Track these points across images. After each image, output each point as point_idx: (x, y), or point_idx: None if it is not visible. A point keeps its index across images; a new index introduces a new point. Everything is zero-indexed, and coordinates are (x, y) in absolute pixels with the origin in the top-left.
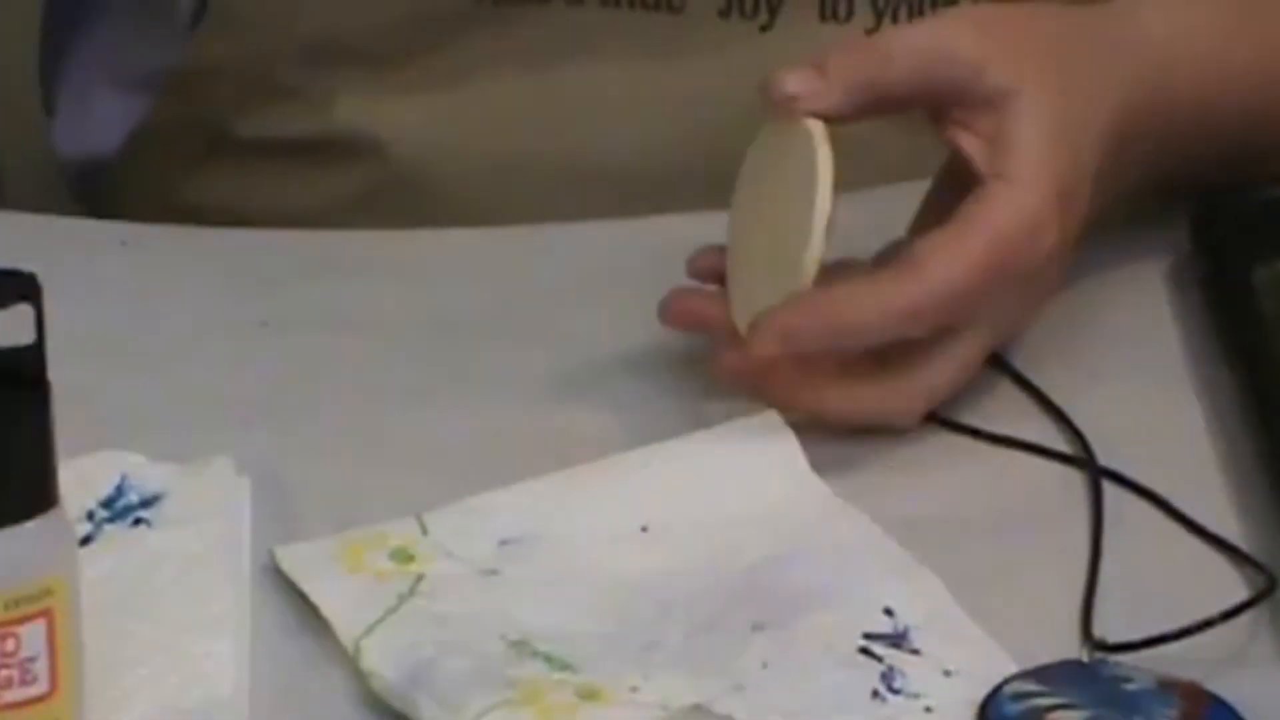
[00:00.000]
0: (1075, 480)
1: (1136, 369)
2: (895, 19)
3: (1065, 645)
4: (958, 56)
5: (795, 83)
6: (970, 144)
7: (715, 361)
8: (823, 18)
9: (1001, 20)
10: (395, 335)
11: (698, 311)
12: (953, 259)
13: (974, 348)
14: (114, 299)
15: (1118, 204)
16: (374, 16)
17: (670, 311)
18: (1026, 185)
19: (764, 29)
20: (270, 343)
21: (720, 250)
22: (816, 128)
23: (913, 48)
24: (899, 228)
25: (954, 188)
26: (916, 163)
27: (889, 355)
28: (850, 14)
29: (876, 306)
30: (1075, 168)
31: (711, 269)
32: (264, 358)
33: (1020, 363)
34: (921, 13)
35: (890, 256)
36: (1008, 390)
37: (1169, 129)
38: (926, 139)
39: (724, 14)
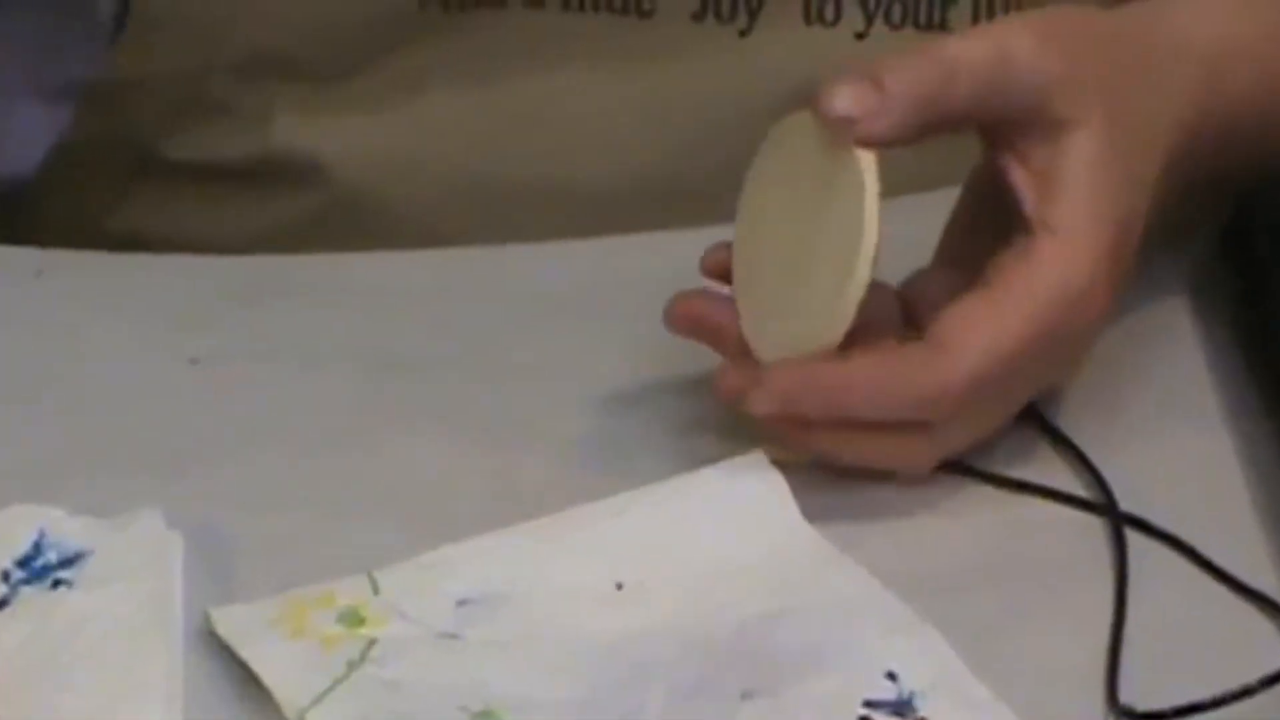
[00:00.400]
0: (1095, 528)
1: (1160, 403)
2: (887, 20)
3: (1087, 711)
4: (1025, 77)
5: (850, 102)
6: (1022, 180)
7: (718, 381)
8: (808, 20)
9: (1062, 31)
10: (339, 371)
11: (705, 317)
12: (987, 337)
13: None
14: (28, 334)
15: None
16: (313, 25)
17: (675, 315)
18: (1077, 243)
19: (742, 33)
20: (202, 381)
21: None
22: (867, 160)
23: (977, 64)
24: (918, 238)
25: (989, 196)
26: (937, 170)
27: None
28: (838, 16)
29: (897, 391)
30: (1128, 214)
31: (722, 266)
32: (195, 398)
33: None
34: (917, 12)
35: (913, 289)
36: (1019, 429)
37: (1214, 136)
38: (946, 149)
39: (698, 17)
